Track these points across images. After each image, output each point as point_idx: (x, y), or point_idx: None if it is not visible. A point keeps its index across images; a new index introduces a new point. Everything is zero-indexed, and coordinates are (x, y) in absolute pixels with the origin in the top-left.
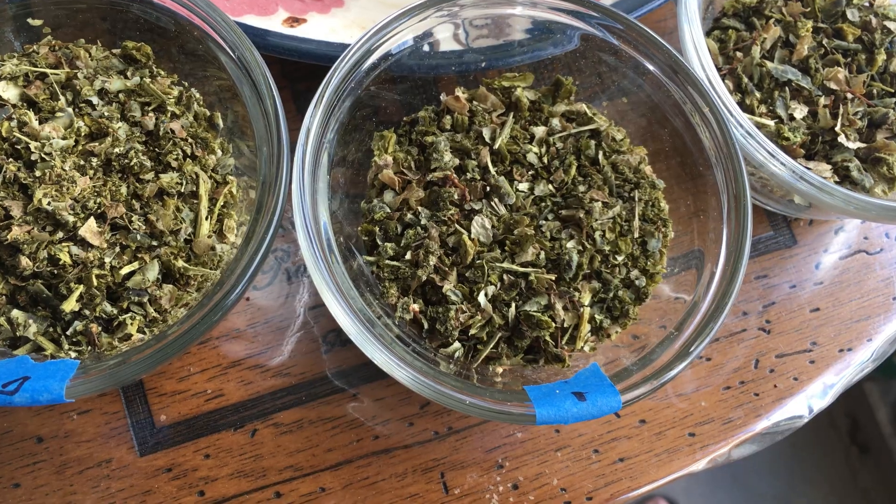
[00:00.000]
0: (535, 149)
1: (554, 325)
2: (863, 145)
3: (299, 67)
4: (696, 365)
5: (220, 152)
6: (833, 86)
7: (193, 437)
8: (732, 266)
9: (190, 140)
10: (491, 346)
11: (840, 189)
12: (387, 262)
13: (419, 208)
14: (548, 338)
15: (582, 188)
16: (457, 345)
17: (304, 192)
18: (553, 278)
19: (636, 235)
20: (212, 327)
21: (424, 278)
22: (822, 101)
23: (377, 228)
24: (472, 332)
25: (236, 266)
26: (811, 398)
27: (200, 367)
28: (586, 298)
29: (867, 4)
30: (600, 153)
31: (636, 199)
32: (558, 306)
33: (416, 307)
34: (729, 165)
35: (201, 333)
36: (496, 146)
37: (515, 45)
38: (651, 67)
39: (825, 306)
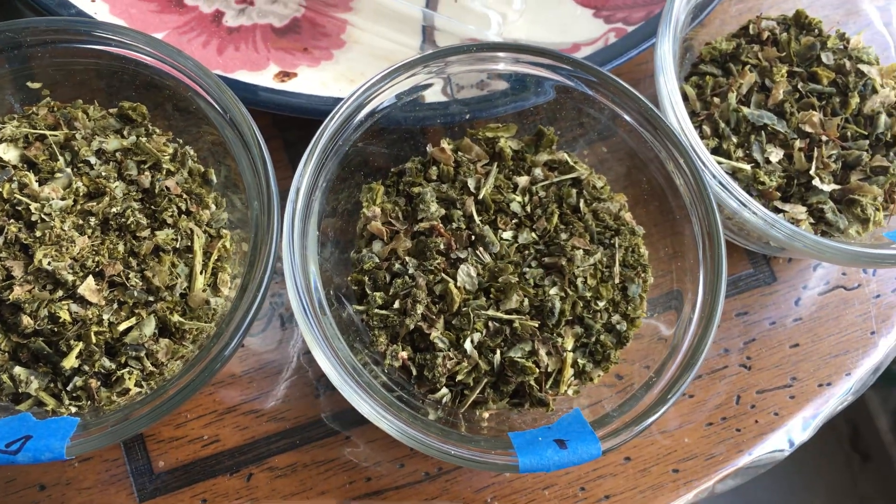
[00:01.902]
0: (519, 198)
1: (538, 370)
2: (837, 187)
3: (290, 118)
4: (679, 402)
5: (214, 207)
6: (808, 129)
7: (191, 483)
8: (709, 311)
9: (185, 196)
10: (477, 391)
11: (810, 237)
12: (376, 310)
13: (407, 258)
14: (532, 382)
15: (564, 236)
16: (444, 390)
17: (293, 247)
18: (537, 325)
19: (617, 281)
20: (208, 380)
21: (412, 326)
22: (798, 144)
23: (366, 278)
24: (459, 377)
25: (231, 319)
26: (791, 432)
27: (197, 413)
28: (569, 343)
29: (842, 47)
30: (581, 201)
31: (616, 245)
32: (542, 352)
33: (404, 354)
34: (703, 212)
35: (199, 387)
36: (480, 196)
37: (498, 97)
38: (626, 117)
39: (804, 342)
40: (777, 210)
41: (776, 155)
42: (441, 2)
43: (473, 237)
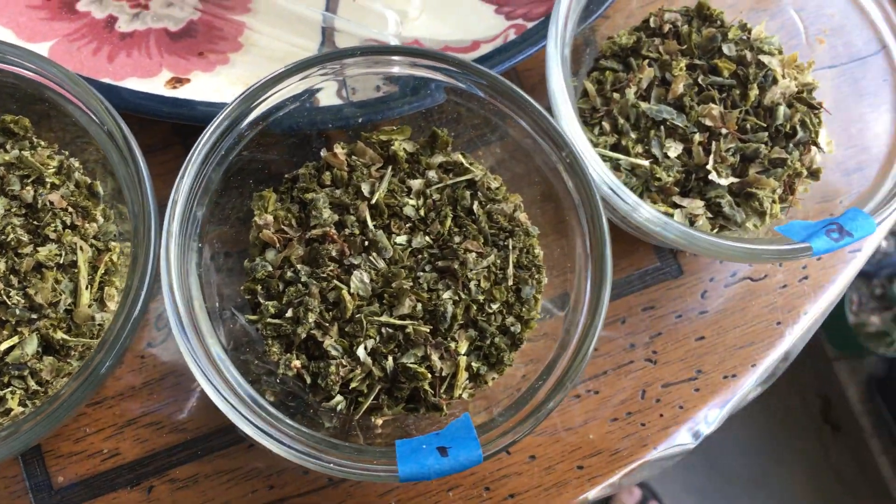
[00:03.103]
0: (413, 201)
1: (430, 375)
2: (736, 180)
3: (191, 125)
4: (584, 399)
5: (101, 219)
6: (708, 122)
7: (91, 497)
8: (593, 308)
9: (70, 209)
10: (371, 398)
11: (702, 236)
12: (268, 320)
13: (299, 266)
14: (426, 387)
15: (458, 239)
16: (339, 398)
17: (169, 260)
18: (429, 329)
19: (511, 283)
20: (89, 395)
21: (304, 335)
22: (697, 138)
23: (259, 287)
24: (353, 385)
25: (110, 333)
26: (696, 425)
27: (96, 427)
28: (463, 347)
29: (744, 38)
30: (475, 203)
31: (510, 247)
32: (434, 357)
33: (297, 363)
34: (590, 214)
35: (78, 403)
36: (374, 200)
37: (391, 100)
38: (517, 118)
39: (710, 334)
40: (675, 205)
41: (675, 150)
42: (341, 3)
43: (367, 243)
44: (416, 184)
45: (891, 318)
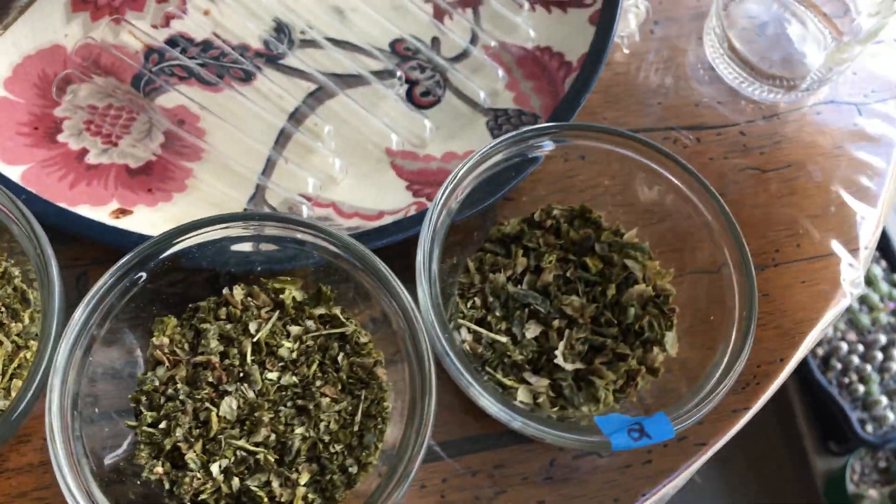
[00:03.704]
0: (289, 344)
1: (268, 499)
2: (582, 367)
3: None
4: None
5: (27, 321)
6: (569, 311)
7: None
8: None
9: (2, 309)
10: None
11: (516, 416)
12: (144, 428)
13: (181, 385)
14: None
15: (319, 383)
16: None
17: (57, 372)
18: (276, 458)
19: (356, 429)
20: None
21: (170, 446)
22: (556, 323)
23: (143, 397)
24: (203, 497)
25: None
26: None
27: None
28: (303, 479)
29: (617, 241)
30: (341, 354)
31: (362, 397)
32: (275, 483)
33: (160, 469)
34: (420, 384)
35: None
36: (256, 339)
37: (286, 258)
38: (381, 294)
39: (551, 500)
40: (524, 381)
41: (533, 331)
42: (277, 167)
43: (242, 374)
44: (295, 330)
45: (889, 493)
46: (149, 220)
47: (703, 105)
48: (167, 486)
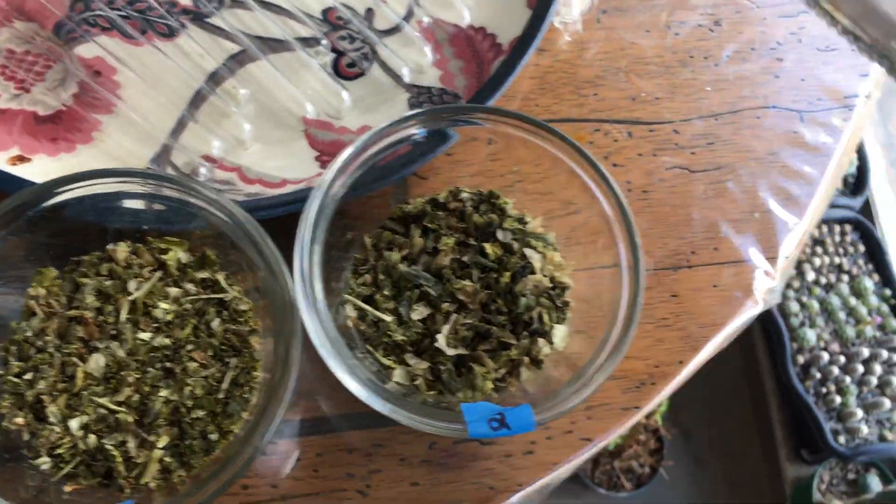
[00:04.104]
0: (165, 305)
1: (121, 459)
2: (465, 352)
3: None
4: None
5: None
6: (460, 296)
7: None
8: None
9: None
10: (70, 466)
11: (378, 398)
12: (9, 377)
13: (50, 337)
14: (121, 469)
15: (190, 347)
16: (44, 458)
17: None
18: (135, 419)
19: (221, 396)
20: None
21: (32, 398)
22: (446, 307)
23: (13, 347)
24: (59, 451)
25: None
26: None
27: None
28: (162, 442)
29: (521, 227)
30: (217, 320)
31: (231, 365)
32: (131, 443)
33: (20, 420)
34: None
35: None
36: (133, 297)
37: (173, 218)
38: (261, 271)
39: (425, 483)
40: (403, 362)
41: (419, 313)
42: (187, 128)
43: (115, 332)
44: (174, 292)
45: None
46: (47, 169)
47: (640, 100)
48: (26, 437)
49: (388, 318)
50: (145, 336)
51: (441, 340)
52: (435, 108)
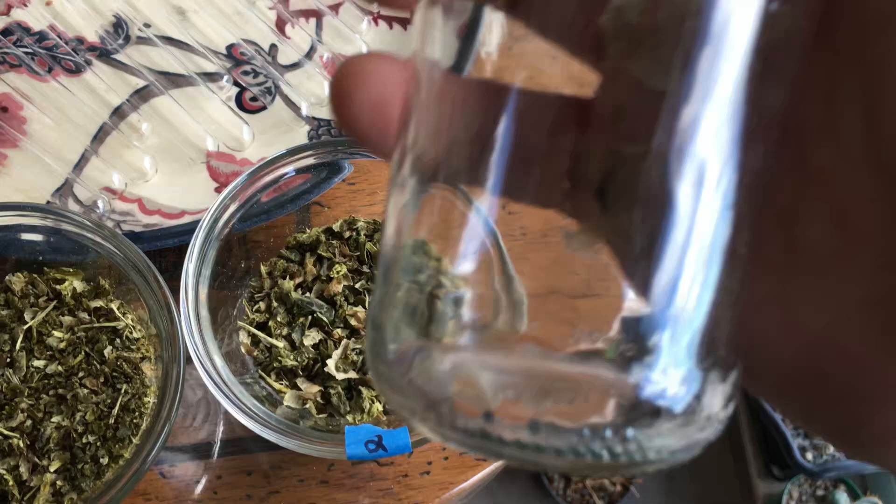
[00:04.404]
0: (59, 334)
1: (13, 483)
2: (355, 376)
3: None
4: None
5: None
6: (353, 322)
7: None
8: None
9: None
10: None
11: (285, 437)
12: None
13: None
14: (15, 493)
15: (81, 374)
16: None
17: None
18: (27, 444)
19: (112, 422)
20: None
21: None
22: (339, 333)
23: None
24: None
25: None
26: None
27: None
28: (54, 466)
29: None
30: (109, 347)
31: (123, 391)
32: (23, 468)
33: None
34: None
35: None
36: (27, 326)
37: (76, 248)
38: (150, 300)
39: None
40: (295, 386)
41: (312, 339)
42: (91, 161)
43: (10, 360)
44: (67, 320)
45: None
46: None
47: None
48: None
49: (279, 343)
50: (39, 364)
51: (331, 365)
52: (326, 140)
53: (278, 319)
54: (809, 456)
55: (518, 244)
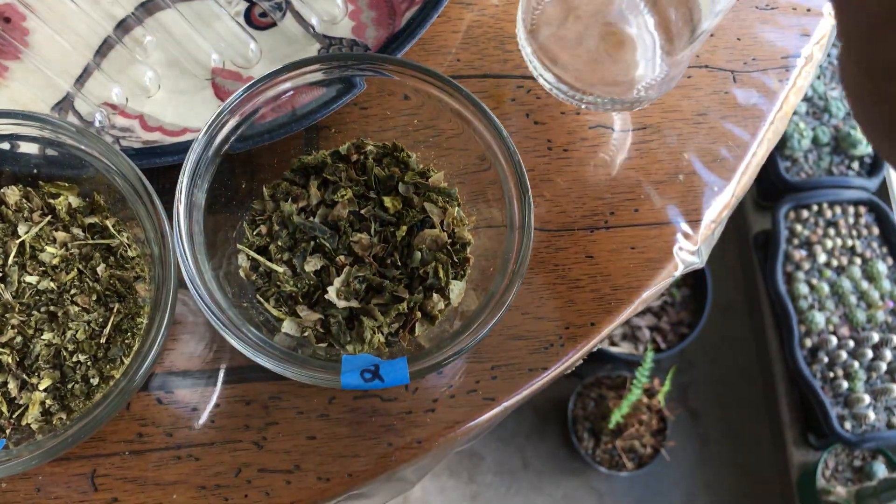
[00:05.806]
0: (52, 250)
1: (2, 399)
2: (356, 305)
3: None
4: (184, 461)
5: None
6: (356, 249)
7: None
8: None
9: None
10: None
11: (291, 367)
12: None
13: None
14: (4, 410)
15: (74, 291)
16: None
17: None
18: (17, 361)
19: (103, 341)
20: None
21: None
22: (341, 259)
23: None
24: None
25: None
26: None
27: None
28: (43, 384)
29: (423, 181)
30: (103, 265)
31: (115, 311)
32: (11, 384)
33: None
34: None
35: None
36: (21, 240)
37: (71, 162)
38: (146, 220)
39: (321, 437)
40: (294, 313)
41: (313, 265)
42: (93, 76)
43: (2, 274)
44: (61, 236)
45: (854, 493)
46: None
47: None
48: None
49: (279, 268)
50: (31, 279)
51: (332, 292)
52: (336, 54)
53: (279, 244)
54: (848, 425)
55: None
